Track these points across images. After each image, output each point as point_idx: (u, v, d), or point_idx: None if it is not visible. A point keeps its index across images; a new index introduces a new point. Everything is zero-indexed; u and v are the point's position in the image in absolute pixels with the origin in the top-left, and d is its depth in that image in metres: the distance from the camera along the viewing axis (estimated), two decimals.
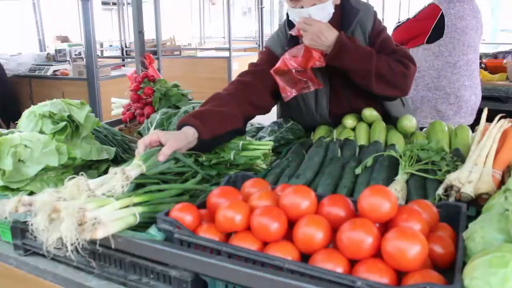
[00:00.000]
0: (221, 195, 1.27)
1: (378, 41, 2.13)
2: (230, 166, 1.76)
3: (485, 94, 4.19)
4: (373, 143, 1.81)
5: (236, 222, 1.15)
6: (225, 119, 1.83)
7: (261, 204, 1.21)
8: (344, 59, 1.99)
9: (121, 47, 9.24)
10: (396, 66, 2.05)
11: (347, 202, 1.19)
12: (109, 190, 1.33)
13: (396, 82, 2.07)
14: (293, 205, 1.17)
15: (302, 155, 1.79)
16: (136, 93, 2.62)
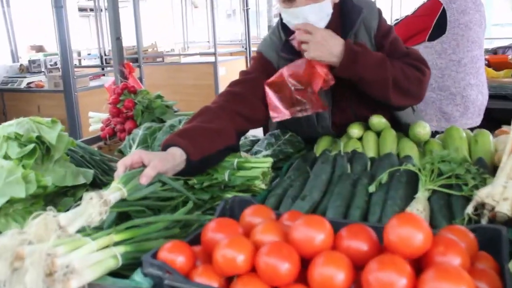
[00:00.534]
0: (218, 229, 1.11)
1: (387, 43, 1.98)
2: (225, 188, 1.60)
3: (491, 93, 4.07)
4: (386, 155, 1.65)
5: (238, 264, 0.99)
6: (216, 136, 1.68)
7: (267, 239, 1.05)
8: (357, 69, 1.82)
9: (100, 55, 9.05)
10: (411, 72, 1.90)
11: (369, 233, 1.03)
12: (84, 222, 1.16)
13: (413, 90, 1.92)
14: (305, 240, 1.01)
15: (306, 172, 1.63)
16: (115, 107, 2.45)
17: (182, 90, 7.31)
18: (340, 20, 1.97)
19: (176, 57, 8.98)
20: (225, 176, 1.58)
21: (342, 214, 1.42)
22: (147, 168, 1.42)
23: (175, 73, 7.75)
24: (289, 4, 1.85)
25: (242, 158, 1.65)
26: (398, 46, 1.99)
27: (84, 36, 11.96)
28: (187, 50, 11.32)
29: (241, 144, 2.09)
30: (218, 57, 7.50)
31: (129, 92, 2.46)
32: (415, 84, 1.91)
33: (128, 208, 1.37)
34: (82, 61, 9.57)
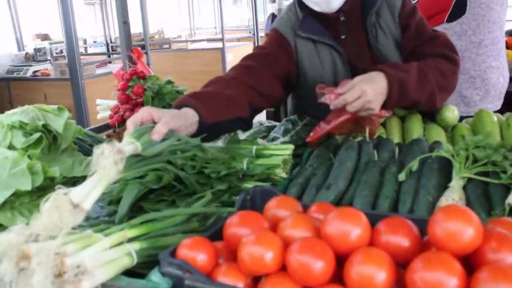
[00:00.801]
0: (242, 223, 1.01)
1: (413, 24, 1.86)
2: (243, 177, 1.50)
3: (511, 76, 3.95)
4: (415, 141, 1.55)
5: (266, 262, 0.90)
6: (229, 104, 1.60)
7: (296, 234, 0.95)
8: (407, 98, 1.66)
9: (106, 43, 8.96)
10: (445, 67, 1.77)
11: (410, 227, 0.94)
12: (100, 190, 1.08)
13: (451, 86, 1.82)
14: (340, 235, 0.91)
15: (329, 160, 1.53)
16: (124, 93, 2.35)
17: (190, 77, 7.19)
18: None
19: (183, 43, 8.86)
20: (243, 164, 1.48)
21: (370, 204, 1.33)
22: (158, 124, 1.33)
23: (182, 59, 7.64)
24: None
25: (260, 145, 1.55)
26: (425, 28, 1.88)
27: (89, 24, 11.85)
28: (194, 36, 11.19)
29: (256, 131, 2.00)
30: (225, 43, 7.38)
31: (138, 78, 2.36)
32: (451, 79, 1.80)
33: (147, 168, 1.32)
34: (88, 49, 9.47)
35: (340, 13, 1.87)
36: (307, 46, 1.94)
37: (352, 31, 1.90)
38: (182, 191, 1.47)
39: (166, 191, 1.47)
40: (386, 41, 1.89)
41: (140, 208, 1.46)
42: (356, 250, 0.89)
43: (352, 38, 1.90)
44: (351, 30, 1.90)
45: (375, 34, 1.89)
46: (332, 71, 1.91)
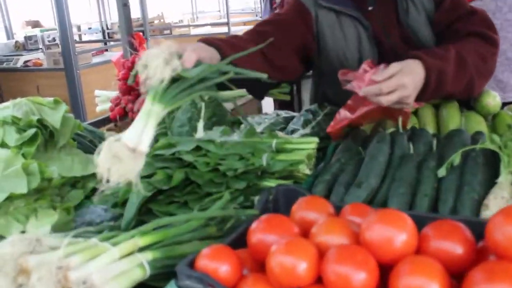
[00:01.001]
0: (269, 228, 0.95)
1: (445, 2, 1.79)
2: (262, 175, 1.44)
3: None
4: (455, 132, 1.48)
5: (299, 273, 0.84)
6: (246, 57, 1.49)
7: (332, 241, 0.89)
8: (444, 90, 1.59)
9: (102, 29, 8.88)
10: (485, 49, 1.69)
11: (462, 231, 0.87)
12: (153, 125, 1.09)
13: (490, 70, 1.74)
14: (383, 242, 0.85)
15: (358, 154, 1.47)
16: (126, 83, 2.29)
17: None
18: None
19: (185, 28, 8.79)
20: (262, 160, 1.42)
21: (407, 204, 1.27)
22: (186, 52, 1.28)
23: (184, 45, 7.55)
24: None
25: (281, 139, 1.49)
26: (461, 1, 1.80)
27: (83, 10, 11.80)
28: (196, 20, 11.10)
29: (273, 122, 1.94)
30: (231, 27, 7.30)
31: None
32: (491, 63, 1.73)
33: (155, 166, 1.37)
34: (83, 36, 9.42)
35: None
36: (329, 17, 1.87)
37: (380, 2, 1.83)
38: (195, 192, 1.41)
39: (177, 192, 1.42)
40: (417, 15, 1.82)
41: (148, 210, 1.42)
42: (403, 259, 0.83)
43: (380, 10, 1.83)
44: (379, 2, 1.83)
45: (405, 7, 1.81)
46: (356, 46, 1.84)
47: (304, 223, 1.00)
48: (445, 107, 1.73)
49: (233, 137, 1.55)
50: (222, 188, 1.39)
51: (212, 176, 1.41)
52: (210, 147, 1.47)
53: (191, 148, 1.48)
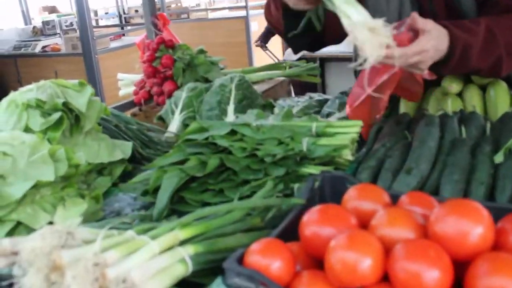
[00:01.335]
0: (324, 220, 0.86)
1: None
2: (301, 161, 1.34)
3: None
4: (509, 115, 1.37)
5: (363, 271, 0.75)
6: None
7: (397, 235, 0.80)
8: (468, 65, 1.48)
9: (118, 14, 8.79)
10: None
11: None
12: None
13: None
14: (457, 236, 0.76)
15: (405, 138, 1.37)
16: (151, 65, 2.20)
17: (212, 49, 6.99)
18: None
19: (203, 12, 8.67)
20: (303, 145, 1.32)
21: (461, 191, 1.17)
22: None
23: (202, 30, 7.46)
24: None
25: (322, 122, 1.39)
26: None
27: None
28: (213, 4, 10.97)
29: (306, 105, 1.85)
30: (249, 10, 7.17)
31: (166, 47, 2.20)
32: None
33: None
34: (100, 21, 9.34)
35: None
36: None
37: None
38: (231, 179, 1.33)
39: (211, 179, 1.34)
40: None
41: (180, 199, 1.33)
42: (480, 256, 0.73)
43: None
44: None
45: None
46: (397, 9, 1.72)
47: (359, 214, 0.91)
48: (493, 88, 1.62)
49: (269, 121, 1.45)
50: (260, 175, 1.30)
51: (249, 162, 1.32)
52: (246, 131, 1.38)
53: (225, 133, 1.39)
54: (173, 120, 1.85)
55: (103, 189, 1.47)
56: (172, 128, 1.84)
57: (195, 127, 1.46)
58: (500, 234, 0.78)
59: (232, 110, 1.77)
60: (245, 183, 1.31)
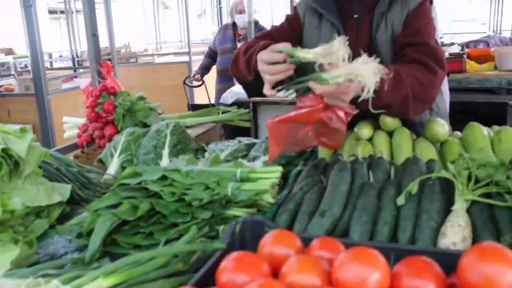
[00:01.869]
0: (239, 267, 0.84)
1: (415, 24, 1.75)
2: (227, 204, 1.32)
3: (475, 86, 3.91)
4: (412, 160, 1.40)
5: None
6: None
7: (305, 281, 0.79)
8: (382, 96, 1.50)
9: (72, 57, 8.62)
10: (424, 76, 1.64)
11: (433, 268, 0.78)
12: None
13: (428, 97, 1.69)
14: (357, 281, 0.75)
15: (320, 182, 1.37)
16: (93, 110, 2.13)
17: (157, 91, 6.97)
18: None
19: (149, 57, 8.62)
20: (228, 190, 1.30)
21: (368, 232, 1.18)
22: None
23: (149, 73, 7.40)
24: None
25: (246, 168, 1.38)
26: (424, 32, 1.75)
27: (54, 38, 11.50)
28: (160, 50, 10.93)
29: (235, 149, 1.83)
30: (192, 56, 7.20)
31: (108, 94, 2.15)
32: (429, 90, 1.67)
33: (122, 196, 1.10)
34: (54, 63, 9.12)
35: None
36: (312, 19, 1.87)
37: (364, 13, 1.82)
38: (161, 222, 1.29)
39: (142, 222, 1.29)
40: (385, 33, 1.79)
41: (113, 241, 1.28)
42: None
43: (361, 20, 1.82)
44: (363, 12, 1.82)
45: (378, 23, 1.79)
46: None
47: (273, 259, 0.89)
48: (398, 134, 1.66)
49: (198, 166, 1.43)
50: (188, 218, 1.27)
51: (177, 206, 1.29)
52: (176, 176, 1.35)
53: (157, 178, 1.35)
54: (111, 163, 1.80)
55: (40, 231, 1.39)
56: (111, 171, 1.78)
57: (130, 172, 1.42)
58: (395, 278, 0.78)
59: (167, 154, 1.73)
60: (174, 226, 1.28)
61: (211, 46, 5.43)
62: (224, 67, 4.94)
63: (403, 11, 1.79)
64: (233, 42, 5.06)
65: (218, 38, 5.25)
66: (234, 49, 4.92)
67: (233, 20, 5.24)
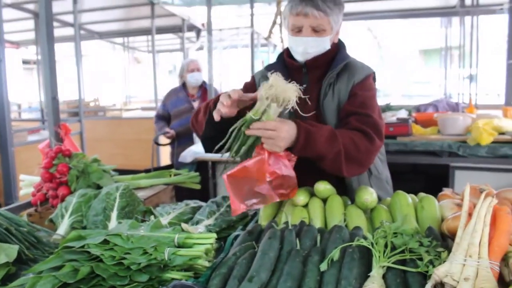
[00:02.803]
0: None
1: (360, 95, 1.93)
2: (165, 268, 1.37)
3: (421, 149, 4.09)
4: (336, 229, 1.49)
5: None
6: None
7: None
8: (314, 146, 1.73)
9: (41, 109, 8.60)
10: (361, 141, 1.81)
11: None
12: None
13: (362, 159, 1.83)
14: None
15: (253, 248, 1.44)
16: (48, 171, 2.17)
17: (123, 144, 7.01)
18: (332, 59, 2.02)
19: (117, 111, 8.67)
20: (165, 254, 1.36)
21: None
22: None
23: (117, 127, 7.44)
24: (296, 33, 1.94)
25: (183, 234, 1.44)
26: (368, 105, 1.93)
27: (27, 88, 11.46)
28: (128, 104, 11.01)
29: (181, 212, 1.89)
30: None
31: (63, 156, 2.20)
32: (365, 155, 1.82)
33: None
34: (22, 114, 9.07)
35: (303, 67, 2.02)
36: None
37: (312, 82, 2.01)
38: (100, 284, 1.33)
39: (83, 284, 1.33)
40: (331, 101, 1.97)
41: None
42: None
43: (309, 89, 1.98)
44: (311, 81, 2.01)
45: (325, 92, 1.97)
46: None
47: None
48: (331, 202, 1.75)
49: (140, 231, 1.48)
50: (126, 281, 1.31)
51: (116, 270, 1.33)
52: (117, 240, 1.40)
53: (100, 242, 1.40)
54: (62, 223, 1.83)
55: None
56: (61, 231, 1.81)
57: (74, 235, 1.46)
58: None
59: (115, 216, 1.78)
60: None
61: (160, 112, 5.08)
62: (182, 128, 4.75)
63: (349, 83, 1.97)
64: (189, 103, 4.89)
65: (170, 102, 4.98)
66: (191, 109, 4.80)
67: (183, 81, 5.04)
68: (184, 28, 8.39)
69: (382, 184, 2.17)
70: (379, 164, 2.19)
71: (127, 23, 8.65)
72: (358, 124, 1.85)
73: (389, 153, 4.02)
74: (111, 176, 2.24)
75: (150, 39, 8.53)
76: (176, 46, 11.83)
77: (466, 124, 4.13)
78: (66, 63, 12.40)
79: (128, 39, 10.93)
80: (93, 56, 13.96)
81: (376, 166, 2.15)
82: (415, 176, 4.63)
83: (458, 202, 1.69)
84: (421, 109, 5.78)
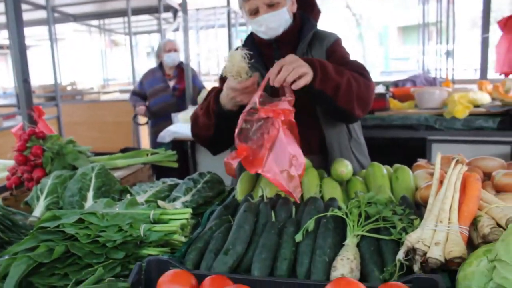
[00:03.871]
0: None
1: (338, 51, 2.04)
2: (141, 244, 1.38)
3: (398, 123, 4.12)
4: (311, 200, 1.50)
5: None
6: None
7: None
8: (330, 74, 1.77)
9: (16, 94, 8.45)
10: (359, 78, 1.88)
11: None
12: None
13: (366, 97, 1.90)
14: None
15: (229, 222, 1.45)
16: (22, 154, 2.14)
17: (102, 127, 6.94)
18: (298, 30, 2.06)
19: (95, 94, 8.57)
20: (140, 231, 1.36)
21: (269, 268, 1.25)
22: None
23: (95, 110, 7.36)
24: (254, 16, 1.95)
25: (159, 210, 1.44)
26: (349, 57, 2.04)
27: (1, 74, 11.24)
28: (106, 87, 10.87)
29: (158, 190, 1.89)
30: None
31: (37, 138, 2.17)
32: (365, 90, 1.88)
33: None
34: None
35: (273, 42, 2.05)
36: None
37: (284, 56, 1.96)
38: (76, 263, 1.32)
39: (59, 263, 1.32)
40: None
41: (29, 283, 1.30)
42: None
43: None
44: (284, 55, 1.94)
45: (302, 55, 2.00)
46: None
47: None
48: (306, 174, 1.77)
49: (115, 209, 1.48)
50: (102, 258, 1.31)
51: (92, 248, 1.32)
52: (92, 219, 1.40)
53: (74, 221, 1.39)
54: (37, 206, 1.81)
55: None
56: (37, 213, 1.79)
57: (49, 216, 1.45)
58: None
59: (92, 197, 1.77)
60: (90, 266, 1.31)
61: (136, 90, 5.25)
62: (158, 107, 4.90)
63: (322, 49, 2.03)
64: (165, 82, 5.01)
65: (147, 82, 5.09)
66: (166, 88, 4.99)
67: (160, 61, 5.14)
68: (161, 9, 8.27)
69: (362, 148, 2.21)
70: (357, 129, 2.23)
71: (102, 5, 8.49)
72: (349, 69, 1.91)
73: (367, 127, 4.06)
74: (87, 157, 2.22)
75: (126, 21, 8.39)
76: (153, 28, 11.69)
77: (443, 97, 4.17)
78: (43, 47, 12.19)
79: (104, 21, 10.76)
80: (70, 40, 13.74)
81: (355, 130, 2.19)
82: (393, 150, 4.67)
83: (432, 171, 1.72)
84: (399, 84, 5.81)
